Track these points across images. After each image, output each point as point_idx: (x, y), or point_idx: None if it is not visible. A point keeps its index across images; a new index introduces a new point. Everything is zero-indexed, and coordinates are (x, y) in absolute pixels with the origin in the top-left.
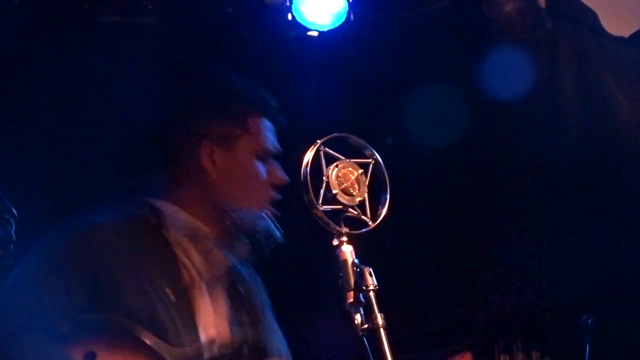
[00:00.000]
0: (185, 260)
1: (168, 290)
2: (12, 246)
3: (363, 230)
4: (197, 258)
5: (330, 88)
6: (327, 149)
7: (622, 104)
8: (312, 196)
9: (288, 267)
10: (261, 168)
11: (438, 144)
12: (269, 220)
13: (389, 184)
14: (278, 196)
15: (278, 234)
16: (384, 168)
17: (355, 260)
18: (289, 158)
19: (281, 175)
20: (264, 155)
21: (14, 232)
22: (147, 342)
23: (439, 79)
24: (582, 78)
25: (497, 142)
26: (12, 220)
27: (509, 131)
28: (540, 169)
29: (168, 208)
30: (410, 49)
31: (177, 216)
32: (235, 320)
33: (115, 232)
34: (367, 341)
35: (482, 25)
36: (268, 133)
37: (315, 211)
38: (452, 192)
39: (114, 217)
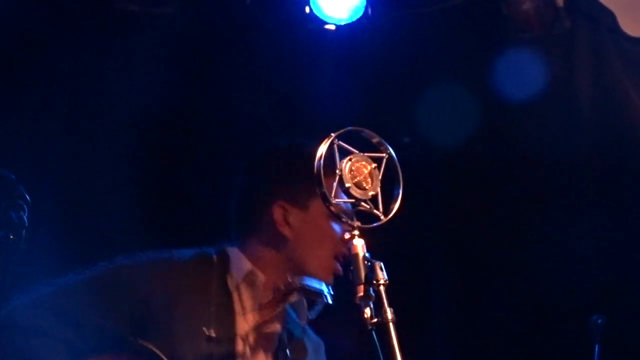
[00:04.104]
0: (238, 307)
1: (215, 338)
2: (24, 231)
3: (375, 224)
4: (250, 305)
5: (346, 82)
6: (341, 142)
7: (638, 105)
8: (325, 189)
9: None
10: (335, 230)
11: (452, 140)
12: (328, 291)
13: (402, 179)
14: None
15: (330, 301)
16: (397, 163)
17: (367, 254)
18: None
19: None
20: (340, 216)
21: (27, 217)
22: None
23: (455, 75)
24: (598, 77)
25: (512, 139)
26: (25, 206)
27: (523, 128)
28: (554, 167)
29: (235, 254)
30: (427, 45)
31: (241, 263)
32: None
33: (179, 268)
34: (376, 335)
35: (500, 22)
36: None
37: (327, 204)
38: (465, 187)
39: (184, 254)
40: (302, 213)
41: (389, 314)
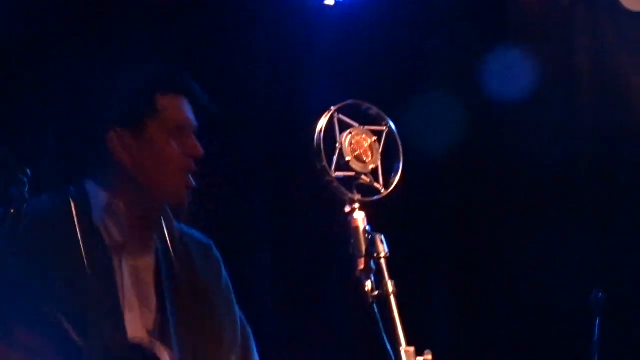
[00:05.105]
0: (107, 238)
1: (96, 275)
2: (25, 205)
3: (375, 197)
4: (118, 234)
5: (346, 57)
6: (341, 116)
7: (636, 85)
8: (326, 163)
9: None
10: (176, 146)
11: (448, 121)
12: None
13: (402, 153)
14: (195, 168)
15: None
16: (397, 136)
17: (367, 227)
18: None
19: (197, 148)
20: (178, 133)
21: (27, 192)
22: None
23: (454, 54)
24: (598, 59)
25: (510, 126)
26: (26, 180)
27: (522, 113)
28: (554, 154)
29: (93, 189)
30: (426, 20)
31: (99, 196)
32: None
33: (38, 218)
34: (377, 308)
35: (499, 3)
36: (181, 109)
37: (328, 178)
38: (467, 172)
39: (39, 202)
40: (138, 136)
41: (390, 287)
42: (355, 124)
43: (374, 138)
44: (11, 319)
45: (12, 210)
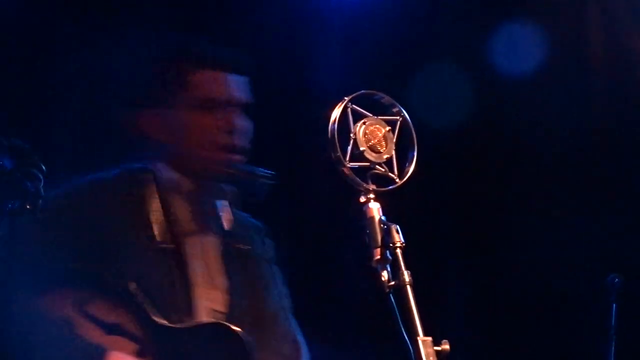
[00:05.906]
0: (176, 211)
1: (169, 248)
2: (40, 201)
3: (390, 187)
4: (185, 210)
5: (359, 47)
6: (354, 106)
7: None
8: (340, 153)
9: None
10: (205, 118)
11: (457, 103)
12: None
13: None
14: (240, 142)
15: (260, 171)
16: (411, 125)
17: (382, 217)
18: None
19: (228, 121)
20: (211, 106)
21: (42, 187)
22: (138, 299)
23: (465, 38)
24: (610, 37)
25: (522, 107)
26: (41, 176)
27: (535, 91)
28: (565, 135)
29: (159, 166)
30: (437, 6)
31: (167, 173)
32: (232, 286)
33: (107, 186)
34: (393, 298)
35: None
36: (211, 83)
37: (342, 168)
38: (476, 156)
39: (105, 173)
40: (168, 112)
41: (407, 277)
42: (369, 114)
43: (388, 128)
44: (88, 291)
45: (28, 206)
